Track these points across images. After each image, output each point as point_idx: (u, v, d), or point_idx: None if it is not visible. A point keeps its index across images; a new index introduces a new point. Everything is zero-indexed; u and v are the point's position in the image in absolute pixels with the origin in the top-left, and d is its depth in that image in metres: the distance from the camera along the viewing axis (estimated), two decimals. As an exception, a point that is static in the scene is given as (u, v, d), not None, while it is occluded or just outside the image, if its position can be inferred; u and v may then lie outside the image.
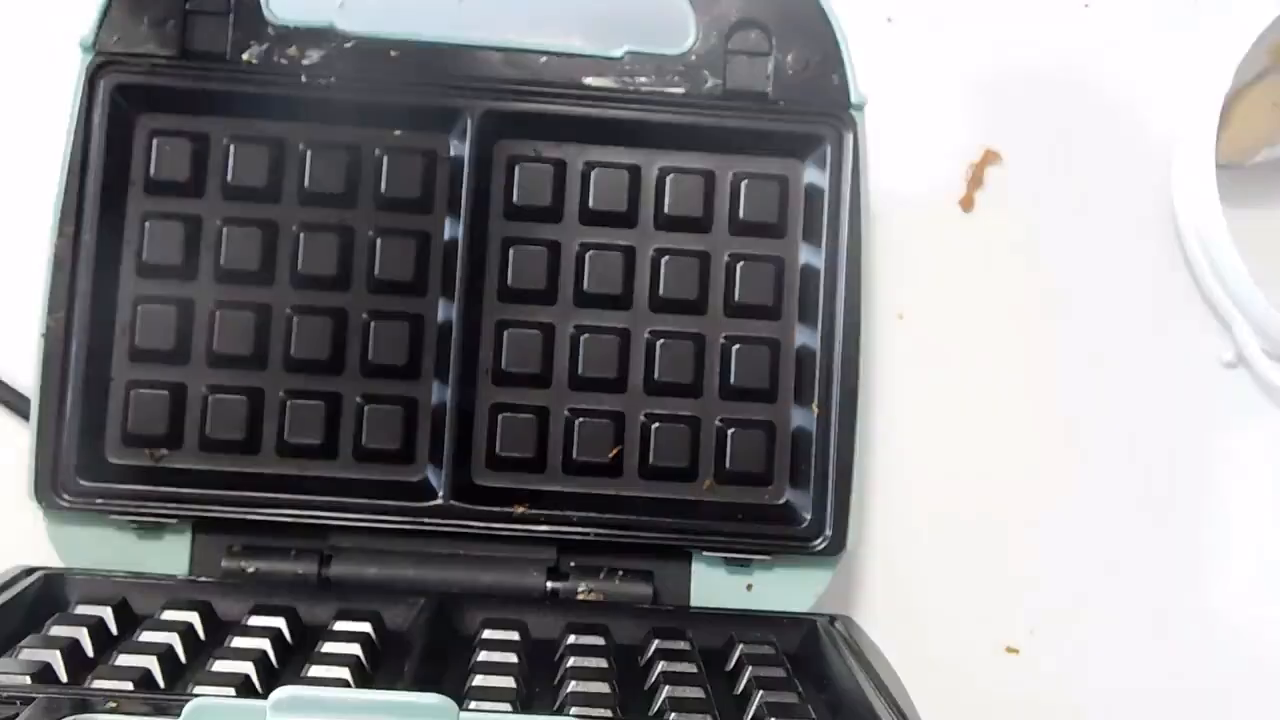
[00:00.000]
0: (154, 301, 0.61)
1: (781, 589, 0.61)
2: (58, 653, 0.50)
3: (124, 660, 0.51)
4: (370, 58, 0.61)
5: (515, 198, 0.63)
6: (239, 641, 0.54)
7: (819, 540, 0.60)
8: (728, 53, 0.62)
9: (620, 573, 0.61)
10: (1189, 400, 0.71)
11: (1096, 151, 0.72)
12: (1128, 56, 0.72)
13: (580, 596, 0.60)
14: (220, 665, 0.52)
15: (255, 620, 0.56)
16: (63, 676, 0.50)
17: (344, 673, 0.52)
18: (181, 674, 0.52)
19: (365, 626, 0.56)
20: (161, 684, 0.51)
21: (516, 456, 0.62)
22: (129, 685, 0.49)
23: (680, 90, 0.62)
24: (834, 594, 0.62)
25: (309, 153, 0.62)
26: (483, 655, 0.54)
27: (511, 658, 0.54)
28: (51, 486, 0.59)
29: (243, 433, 0.61)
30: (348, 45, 0.61)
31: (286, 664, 0.54)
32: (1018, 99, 0.72)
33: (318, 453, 0.61)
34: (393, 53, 0.61)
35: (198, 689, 0.49)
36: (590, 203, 0.63)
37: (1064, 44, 0.72)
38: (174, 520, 0.60)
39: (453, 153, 0.62)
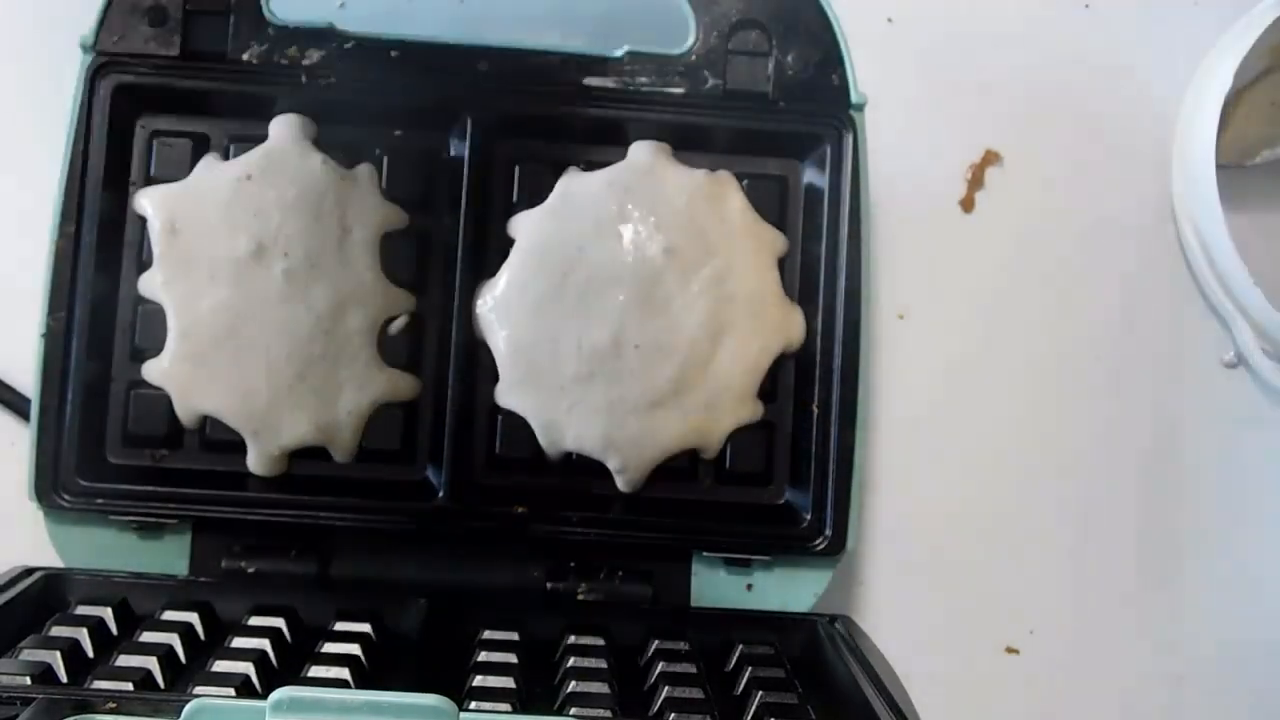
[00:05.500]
0: (154, 301, 0.61)
1: (781, 589, 0.61)
2: (58, 653, 0.51)
3: (124, 660, 0.51)
4: (370, 58, 0.61)
5: (515, 198, 0.63)
6: (239, 641, 0.54)
7: (819, 540, 0.60)
8: (728, 53, 0.62)
9: (620, 573, 0.61)
10: (1189, 400, 0.71)
11: (1096, 151, 0.72)
12: (1128, 56, 0.72)
13: (580, 597, 0.60)
14: (220, 665, 0.52)
15: (255, 620, 0.56)
16: (63, 677, 0.50)
17: (344, 673, 0.52)
18: (181, 674, 0.53)
19: (365, 626, 0.56)
20: (161, 684, 0.51)
21: (516, 457, 0.62)
22: (129, 686, 0.49)
23: (680, 90, 0.62)
24: (834, 594, 0.62)
25: (309, 153, 0.62)
26: (483, 655, 0.54)
27: (511, 658, 0.54)
28: (51, 486, 0.59)
29: (243, 433, 0.61)
30: (348, 45, 0.61)
31: (286, 664, 0.54)
32: (1018, 99, 0.72)
33: (318, 453, 0.61)
34: (393, 53, 0.61)
35: (198, 689, 0.49)
36: (590, 203, 0.63)
37: (1064, 44, 0.72)
38: (174, 520, 0.60)
39: (453, 153, 0.62)
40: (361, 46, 0.61)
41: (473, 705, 0.50)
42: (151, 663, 0.51)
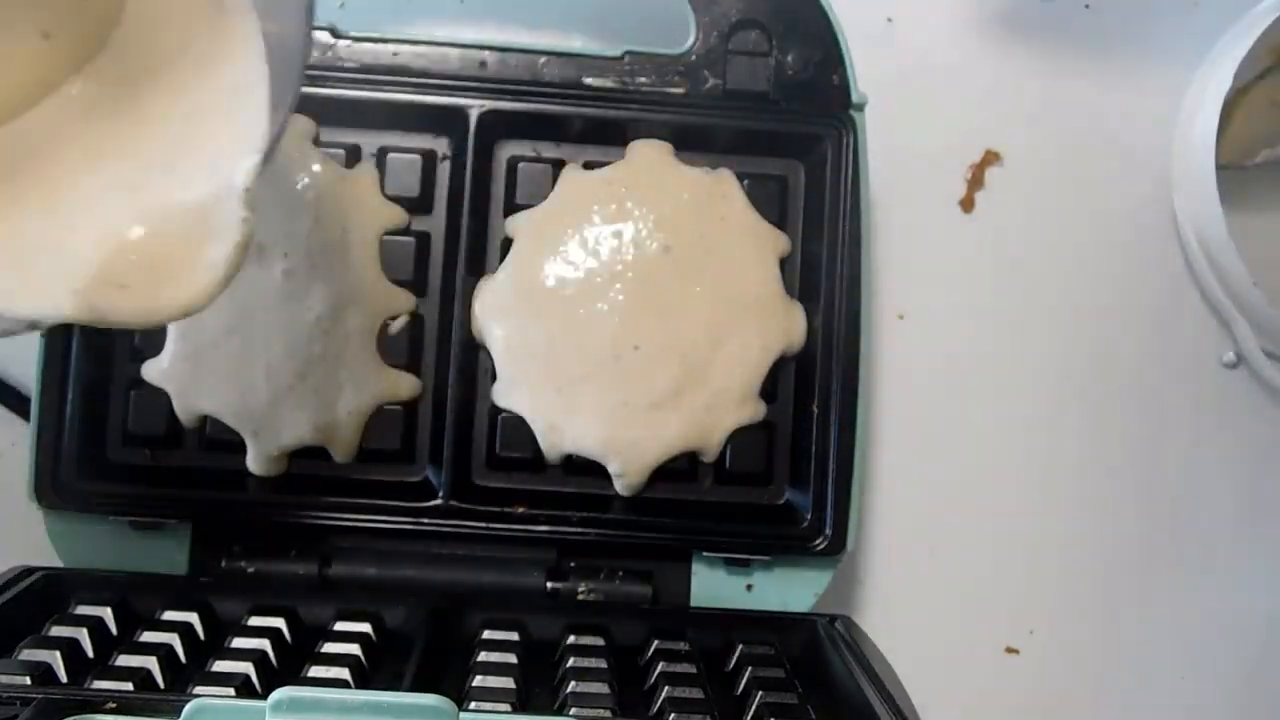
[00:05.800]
0: (154, 301, 0.61)
1: (781, 589, 0.61)
2: (58, 653, 0.51)
3: (124, 660, 0.51)
4: (370, 58, 0.61)
5: (515, 197, 0.63)
6: (239, 641, 0.54)
7: (819, 540, 0.60)
8: (728, 53, 0.62)
9: (620, 573, 0.61)
10: (1189, 400, 0.71)
11: (1096, 151, 0.72)
12: (1128, 56, 0.72)
13: (580, 597, 0.60)
14: (220, 665, 0.52)
15: (255, 620, 0.56)
16: (63, 677, 0.50)
17: (344, 673, 0.52)
18: (181, 674, 0.53)
19: (365, 626, 0.56)
20: (161, 684, 0.51)
21: (516, 457, 0.62)
22: (129, 686, 0.49)
23: (680, 90, 0.62)
24: (834, 594, 0.62)
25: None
26: (482, 655, 0.54)
27: (511, 658, 0.54)
28: (51, 486, 0.59)
29: (243, 433, 0.61)
30: (348, 45, 0.61)
31: (286, 664, 0.54)
32: (1018, 99, 0.72)
33: (318, 453, 0.61)
34: (393, 53, 0.61)
35: (198, 689, 0.49)
36: (590, 203, 0.63)
37: (1064, 44, 0.72)
38: (174, 520, 0.60)
39: (453, 153, 0.62)
40: (361, 46, 0.61)
41: (473, 705, 0.50)
42: (151, 663, 0.51)
